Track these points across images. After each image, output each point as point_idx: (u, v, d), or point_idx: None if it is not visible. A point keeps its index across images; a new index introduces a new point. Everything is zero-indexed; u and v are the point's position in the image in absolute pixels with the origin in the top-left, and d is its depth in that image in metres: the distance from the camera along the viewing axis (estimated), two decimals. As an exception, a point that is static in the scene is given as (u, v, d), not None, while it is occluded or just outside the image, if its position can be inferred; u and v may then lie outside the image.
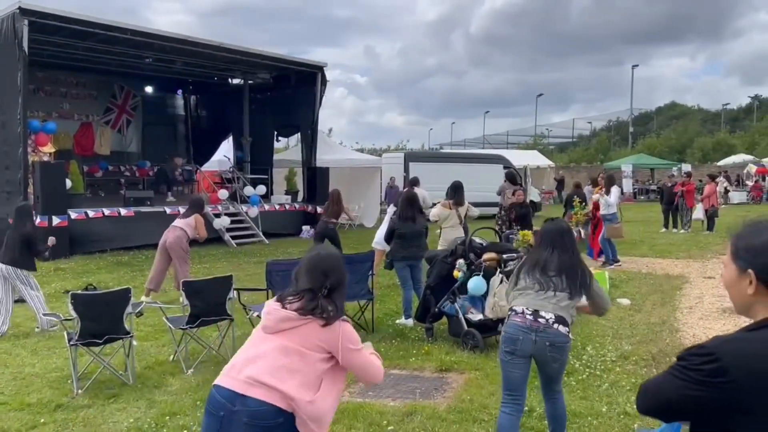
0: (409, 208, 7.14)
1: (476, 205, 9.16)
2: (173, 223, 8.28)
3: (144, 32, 13.91)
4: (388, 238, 7.29)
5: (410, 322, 6.99)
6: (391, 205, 9.51)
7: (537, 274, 3.55)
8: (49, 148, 13.23)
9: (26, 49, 11.65)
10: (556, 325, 3.40)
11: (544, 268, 3.54)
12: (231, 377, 2.44)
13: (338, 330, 2.49)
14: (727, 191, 28.05)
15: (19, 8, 11.54)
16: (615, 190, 11.21)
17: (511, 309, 3.57)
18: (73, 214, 12.55)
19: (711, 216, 16.50)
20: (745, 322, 1.57)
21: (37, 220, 11.81)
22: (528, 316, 3.42)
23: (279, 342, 2.46)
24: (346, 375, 2.62)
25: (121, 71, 18.19)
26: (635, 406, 1.64)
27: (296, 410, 2.36)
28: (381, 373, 2.66)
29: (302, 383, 2.39)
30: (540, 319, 3.40)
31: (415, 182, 11.66)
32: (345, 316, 2.59)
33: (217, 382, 2.49)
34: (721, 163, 36.99)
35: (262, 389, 2.36)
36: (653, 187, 33.14)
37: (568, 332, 3.46)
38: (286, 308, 2.51)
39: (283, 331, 2.47)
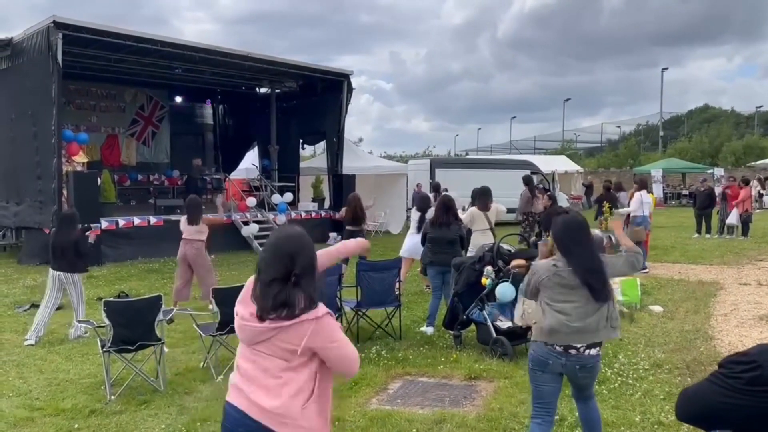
0: (443, 213, 7.08)
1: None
2: (184, 236, 8.11)
3: (174, 43, 14.17)
4: (423, 241, 7.29)
5: (430, 330, 6.95)
6: (413, 210, 9.48)
7: (560, 296, 3.33)
8: (81, 158, 13.53)
9: (60, 62, 11.93)
10: (587, 351, 3.35)
11: (566, 282, 3.30)
12: (241, 395, 2.33)
13: (312, 327, 2.21)
14: (761, 195, 27.44)
15: (54, 22, 11.83)
16: (638, 196, 10.94)
17: (542, 341, 3.41)
18: (105, 223, 12.80)
19: (745, 221, 16.14)
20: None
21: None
22: (558, 347, 3.35)
23: (260, 355, 2.29)
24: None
25: (150, 82, 18.55)
26: (674, 414, 1.61)
27: (287, 424, 2.24)
28: (356, 365, 2.35)
29: (296, 393, 2.25)
30: (572, 350, 3.34)
31: (436, 188, 11.58)
32: (323, 307, 2.27)
33: (229, 399, 2.38)
34: (754, 163, 36.21)
35: (262, 412, 2.26)
36: (685, 191, 32.57)
37: (598, 351, 3.40)
38: (258, 315, 2.27)
39: (261, 342, 2.28)
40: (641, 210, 10.86)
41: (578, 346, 3.34)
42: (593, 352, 3.36)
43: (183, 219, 8.27)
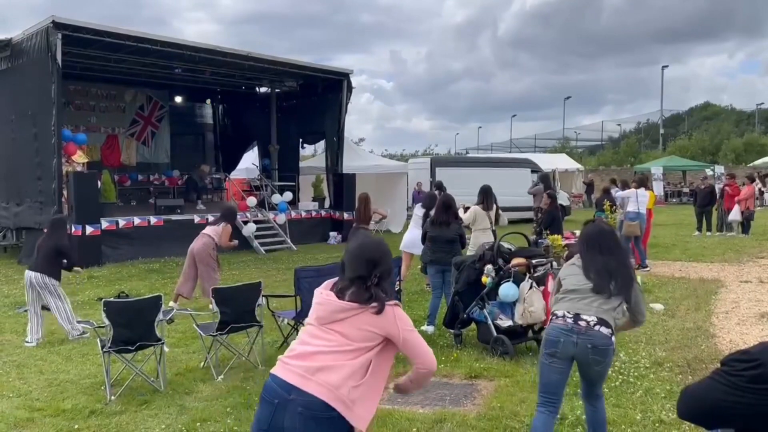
0: (443, 213, 7.07)
1: (504, 209, 9.09)
2: (203, 231, 8.35)
3: (174, 43, 14.13)
4: (424, 240, 7.30)
5: (431, 329, 6.94)
6: (417, 206, 9.51)
7: (579, 278, 3.52)
8: (81, 158, 13.53)
9: (60, 63, 11.93)
10: (597, 327, 3.35)
11: (586, 271, 3.51)
12: (287, 368, 2.47)
13: (392, 314, 2.49)
14: (762, 193, 27.41)
15: (53, 22, 11.81)
16: (633, 193, 11.07)
17: (552, 313, 3.56)
18: (105, 223, 12.80)
19: (747, 218, 16.12)
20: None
21: (72, 229, 12.08)
22: (569, 319, 3.40)
23: (332, 334, 2.47)
24: (392, 364, 2.60)
25: (150, 82, 18.53)
26: (676, 412, 1.61)
27: (342, 400, 2.36)
28: (431, 356, 2.59)
29: (351, 374, 2.40)
30: (581, 322, 3.37)
31: (439, 186, 11.60)
32: (396, 301, 2.57)
33: (273, 371, 2.51)
34: (756, 163, 36.17)
35: (314, 384, 2.38)
36: (685, 189, 32.55)
37: (611, 334, 3.39)
38: (338, 297, 2.51)
39: (336, 322, 2.48)
40: (636, 206, 10.93)
41: (587, 318, 3.35)
42: (604, 331, 3.35)
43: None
